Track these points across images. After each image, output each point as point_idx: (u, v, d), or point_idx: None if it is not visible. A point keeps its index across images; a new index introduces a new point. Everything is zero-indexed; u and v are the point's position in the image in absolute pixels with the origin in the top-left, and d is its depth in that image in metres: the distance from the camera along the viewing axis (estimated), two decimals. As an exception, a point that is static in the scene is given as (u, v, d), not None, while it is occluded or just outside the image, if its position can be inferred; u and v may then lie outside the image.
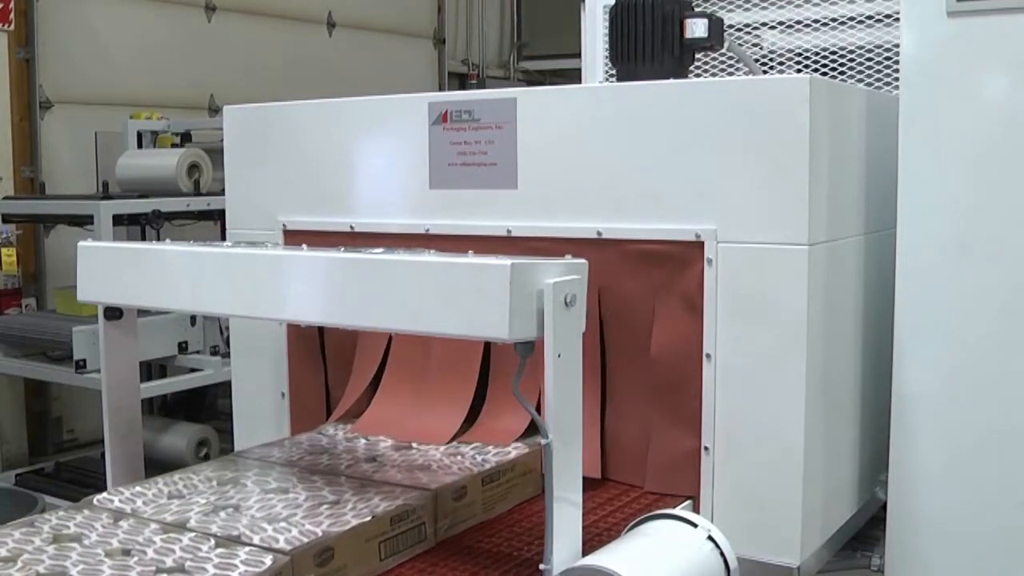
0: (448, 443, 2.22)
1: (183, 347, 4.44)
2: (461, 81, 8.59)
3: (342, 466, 2.07)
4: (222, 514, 1.80)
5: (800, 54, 2.86)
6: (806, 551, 1.96)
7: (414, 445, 2.20)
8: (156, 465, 2.43)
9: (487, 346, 2.27)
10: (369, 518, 1.76)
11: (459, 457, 2.12)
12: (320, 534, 1.69)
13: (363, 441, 2.25)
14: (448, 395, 2.30)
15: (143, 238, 4.50)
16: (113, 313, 2.07)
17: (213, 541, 1.67)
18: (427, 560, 1.84)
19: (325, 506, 1.83)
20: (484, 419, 2.28)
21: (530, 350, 1.56)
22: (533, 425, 2.19)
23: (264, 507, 1.83)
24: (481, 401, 2.31)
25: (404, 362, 2.37)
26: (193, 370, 4.55)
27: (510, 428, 2.21)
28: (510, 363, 2.17)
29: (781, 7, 2.88)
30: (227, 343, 4.41)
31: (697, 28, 2.23)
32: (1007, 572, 2.01)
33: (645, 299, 2.07)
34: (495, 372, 2.29)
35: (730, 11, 2.93)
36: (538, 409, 1.79)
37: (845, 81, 2.76)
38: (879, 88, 2.73)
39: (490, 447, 2.17)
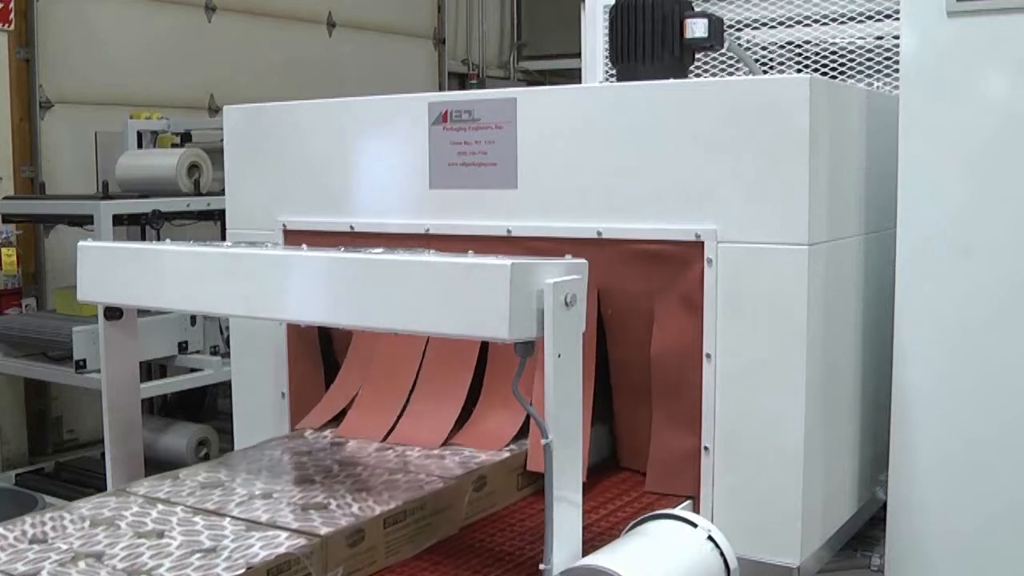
0: (440, 447, 2.21)
1: (183, 347, 4.44)
2: (461, 81, 8.59)
3: (231, 504, 1.87)
4: (81, 564, 1.61)
5: (800, 54, 2.86)
6: (806, 551, 1.96)
7: (317, 479, 2.02)
8: (156, 465, 2.43)
9: (482, 349, 2.27)
10: (242, 571, 1.57)
11: (365, 494, 1.92)
12: None
13: (266, 473, 2.06)
14: (438, 398, 2.29)
15: (143, 238, 4.49)
16: (113, 313, 2.07)
17: None
18: (427, 560, 1.84)
19: (198, 555, 1.64)
20: (475, 422, 2.27)
21: (530, 350, 1.56)
22: (524, 428, 2.19)
23: (130, 556, 1.64)
24: (473, 404, 2.30)
25: (392, 364, 2.37)
26: (193, 370, 4.55)
27: (502, 431, 2.21)
28: (504, 366, 2.18)
29: (781, 6, 2.87)
30: (227, 343, 4.41)
31: (697, 28, 2.23)
32: (1007, 572, 2.01)
33: (645, 299, 2.07)
34: (489, 375, 2.28)
35: (730, 11, 2.93)
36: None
37: (845, 81, 2.76)
38: (879, 88, 2.73)
39: (399, 479, 2.01)
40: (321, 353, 2.52)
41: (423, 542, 1.89)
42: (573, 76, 3.72)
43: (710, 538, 1.76)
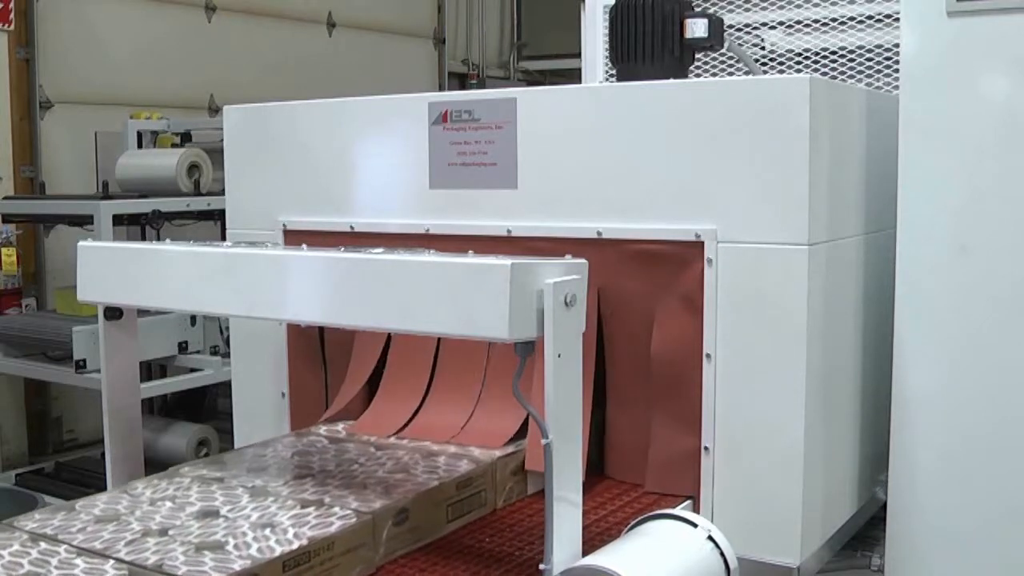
0: (447, 440, 2.21)
1: (183, 347, 4.44)
2: (461, 81, 8.59)
3: (120, 543, 1.69)
4: None
5: (800, 54, 2.86)
6: (806, 551, 1.96)
7: (222, 512, 1.83)
8: (156, 465, 2.43)
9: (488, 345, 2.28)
10: None
11: (268, 531, 1.72)
12: None
13: (168, 504, 1.88)
14: (453, 393, 2.30)
15: (143, 238, 4.49)
16: (113, 313, 2.07)
17: None
18: (427, 560, 1.84)
19: None
20: (477, 420, 2.27)
21: (530, 350, 1.57)
22: (524, 426, 2.19)
23: None
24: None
25: (407, 360, 2.37)
26: (193, 370, 4.55)
27: (503, 429, 2.21)
28: (505, 364, 2.18)
29: (782, 7, 2.87)
30: (227, 343, 4.40)
31: (697, 28, 2.23)
32: (1006, 572, 2.01)
33: (645, 299, 2.07)
34: (490, 373, 2.28)
35: (730, 11, 2.93)
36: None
37: (845, 81, 2.76)
38: (879, 88, 2.73)
39: (310, 513, 1.81)
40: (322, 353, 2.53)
41: None
42: (573, 76, 3.72)
43: (710, 538, 1.76)
